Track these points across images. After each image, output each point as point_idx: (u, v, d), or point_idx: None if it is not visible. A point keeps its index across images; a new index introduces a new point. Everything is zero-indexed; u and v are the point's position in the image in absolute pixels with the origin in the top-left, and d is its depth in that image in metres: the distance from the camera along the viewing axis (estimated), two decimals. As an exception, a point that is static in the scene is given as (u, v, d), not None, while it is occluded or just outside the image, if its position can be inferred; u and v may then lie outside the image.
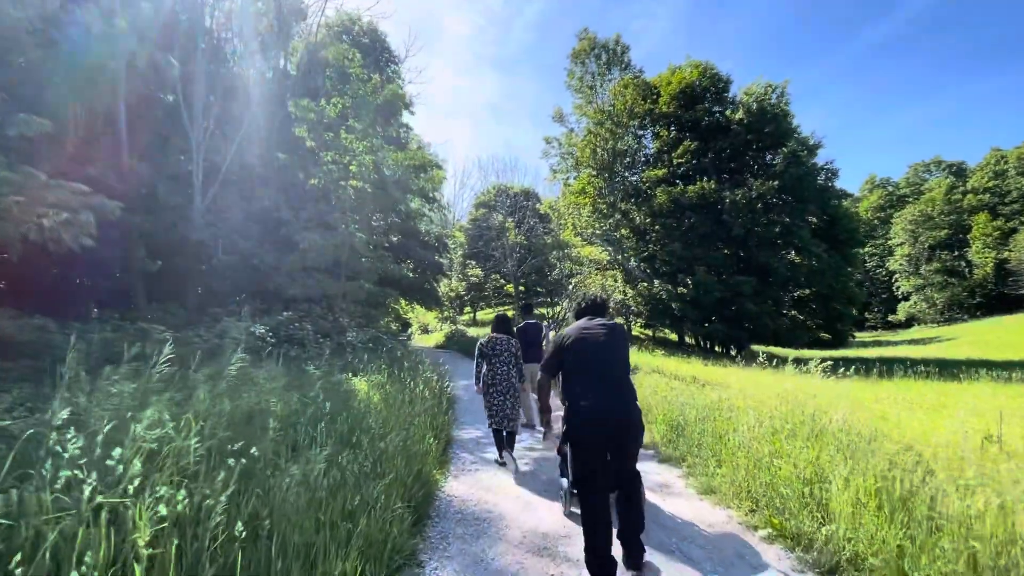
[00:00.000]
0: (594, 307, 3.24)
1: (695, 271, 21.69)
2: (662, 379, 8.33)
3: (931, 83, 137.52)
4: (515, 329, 6.21)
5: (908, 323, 57.34)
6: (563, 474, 3.78)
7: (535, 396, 5.49)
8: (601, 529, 2.73)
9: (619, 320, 25.50)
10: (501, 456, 4.86)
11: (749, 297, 21.07)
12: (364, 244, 10.10)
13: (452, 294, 34.86)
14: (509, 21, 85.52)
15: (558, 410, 3.28)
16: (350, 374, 5.99)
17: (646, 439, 5.44)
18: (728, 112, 24.41)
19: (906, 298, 59.10)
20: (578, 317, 3.26)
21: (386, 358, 7.30)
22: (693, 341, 30.75)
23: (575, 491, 3.33)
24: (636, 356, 15.54)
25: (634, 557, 2.82)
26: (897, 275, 60.62)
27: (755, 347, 29.37)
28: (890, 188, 70.89)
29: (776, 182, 20.88)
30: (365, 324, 12.91)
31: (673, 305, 22.37)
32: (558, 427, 3.29)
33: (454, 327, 27.87)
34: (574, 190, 27.84)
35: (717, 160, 23.91)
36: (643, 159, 27.08)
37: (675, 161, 24.17)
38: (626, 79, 25.96)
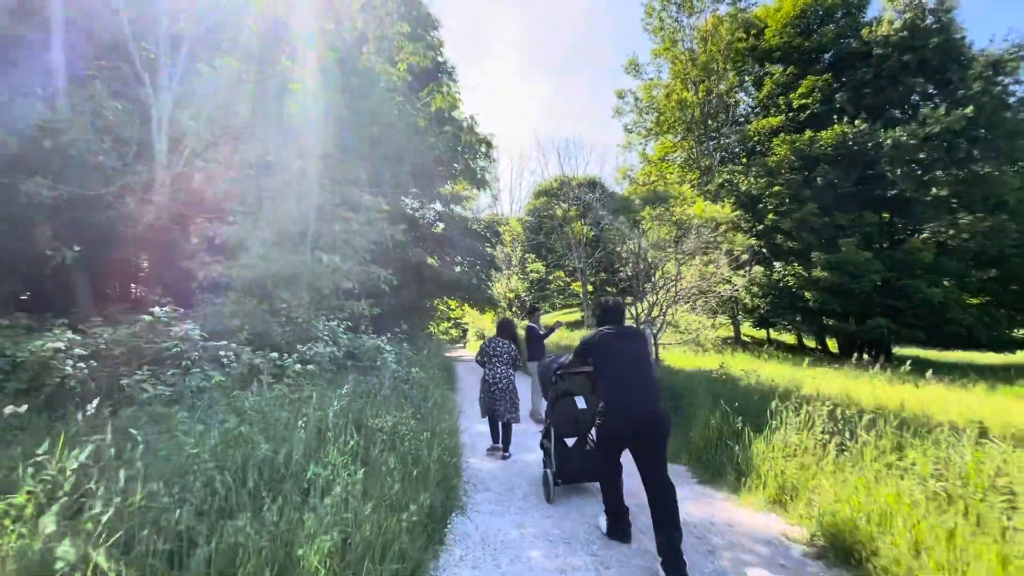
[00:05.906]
0: (614, 312, 3.31)
1: (837, 246, 15.51)
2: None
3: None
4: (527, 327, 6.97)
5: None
6: (546, 465, 3.94)
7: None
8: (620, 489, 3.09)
9: (722, 320, 19.61)
10: (497, 442, 5.05)
11: (925, 278, 14.58)
12: (320, 186, 5.61)
13: (511, 295, 30.22)
14: (556, 19, 79.64)
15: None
16: None
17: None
18: (865, 32, 17.93)
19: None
20: (599, 323, 3.33)
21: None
22: (814, 344, 24.05)
23: (558, 480, 3.76)
24: (754, 364, 9.72)
25: None
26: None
27: (897, 351, 22.06)
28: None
29: (969, 109, 14.14)
30: (362, 327, 8.51)
31: (806, 295, 16.28)
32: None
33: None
34: (654, 158, 22.39)
35: (855, 96, 17.51)
36: (744, 112, 21.12)
37: (795, 103, 18.12)
38: (716, 16, 20.26)
